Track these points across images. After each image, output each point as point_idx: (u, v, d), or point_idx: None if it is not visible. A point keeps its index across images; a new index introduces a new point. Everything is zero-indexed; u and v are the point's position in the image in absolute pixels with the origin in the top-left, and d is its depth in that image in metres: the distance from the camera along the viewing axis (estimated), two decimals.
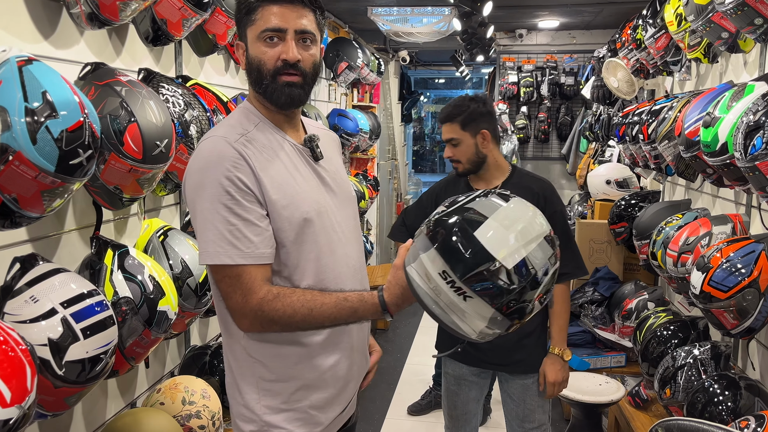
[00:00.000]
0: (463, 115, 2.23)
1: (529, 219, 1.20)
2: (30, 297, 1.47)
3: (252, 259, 1.32)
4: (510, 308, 1.15)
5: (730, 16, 2.08)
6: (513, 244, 1.14)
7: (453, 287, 1.15)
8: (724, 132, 2.06)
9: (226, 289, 1.33)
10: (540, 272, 1.15)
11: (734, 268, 2.10)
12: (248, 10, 1.38)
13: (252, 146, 1.37)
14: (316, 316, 1.31)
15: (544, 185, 2.31)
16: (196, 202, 1.34)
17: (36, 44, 1.77)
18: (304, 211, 1.39)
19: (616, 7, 4.52)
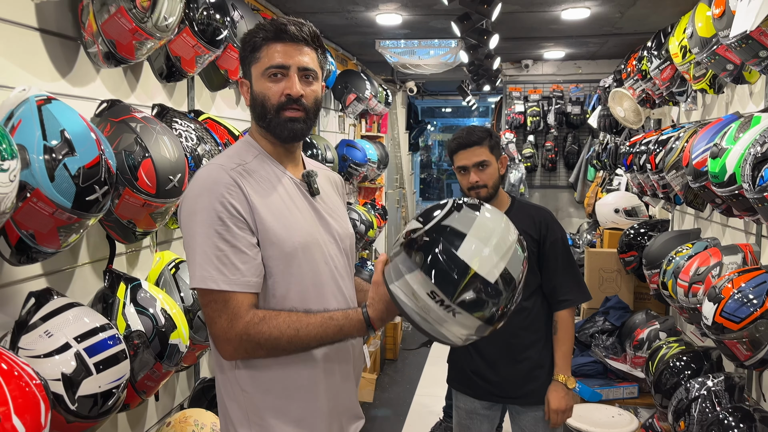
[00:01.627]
0: (490, 138, 2.25)
1: (502, 229, 1.28)
2: (44, 332, 1.48)
3: (238, 286, 1.34)
4: (494, 316, 1.22)
5: (734, 48, 2.11)
6: (494, 257, 1.22)
7: (442, 305, 1.20)
8: (731, 163, 2.08)
9: (212, 314, 1.35)
10: (517, 278, 1.24)
11: (746, 298, 2.09)
12: (253, 48, 1.44)
13: (249, 175, 1.41)
14: (302, 337, 1.33)
15: (544, 213, 2.33)
16: (188, 226, 1.37)
17: (54, 83, 1.81)
18: (296, 241, 1.42)
19: (620, 38, 4.57)
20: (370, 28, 4.17)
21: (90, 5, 1.73)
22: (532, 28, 4.34)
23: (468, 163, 2.22)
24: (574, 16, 3.76)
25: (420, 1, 3.47)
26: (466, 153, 2.22)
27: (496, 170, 2.25)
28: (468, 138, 2.23)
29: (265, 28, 1.43)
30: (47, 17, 1.77)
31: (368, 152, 4.88)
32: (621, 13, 3.72)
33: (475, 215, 1.27)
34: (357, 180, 4.95)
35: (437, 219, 1.27)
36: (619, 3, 3.49)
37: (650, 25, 3.97)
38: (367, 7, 3.60)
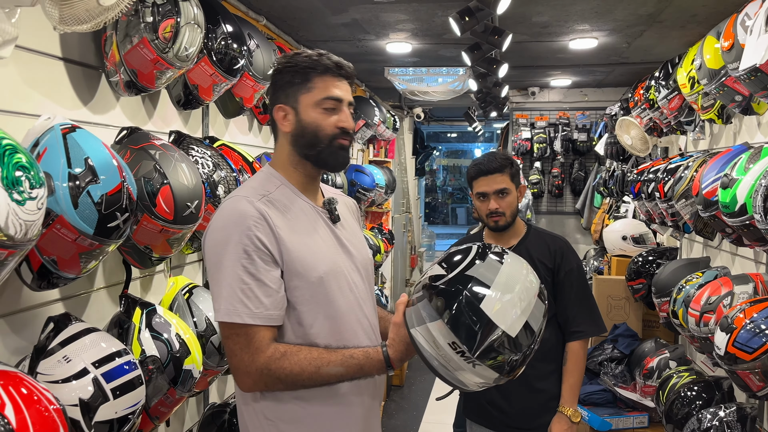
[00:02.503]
0: (511, 166, 2.26)
1: (524, 278, 1.31)
2: (63, 357, 1.49)
3: (261, 319, 1.35)
4: (514, 367, 1.26)
5: (743, 81, 2.14)
6: (516, 310, 1.25)
7: (463, 357, 1.23)
8: (742, 193, 2.09)
9: (233, 346, 1.36)
10: (537, 330, 1.27)
11: (758, 329, 2.08)
12: (304, 78, 1.46)
13: (273, 206, 1.43)
14: (323, 374, 1.35)
15: (560, 242, 2.33)
16: (214, 258, 1.39)
17: (75, 110, 1.85)
18: (321, 270, 1.43)
19: (626, 67, 4.62)
20: (379, 56, 4.23)
21: (113, 36, 1.77)
22: (539, 57, 4.39)
23: (488, 190, 2.22)
24: (582, 46, 3.81)
25: (430, 31, 3.53)
26: (486, 179, 2.22)
27: (515, 198, 2.26)
28: (489, 165, 2.22)
29: (322, 61, 1.45)
30: (71, 47, 1.81)
31: (376, 177, 4.92)
32: (628, 43, 3.77)
33: (498, 266, 1.30)
34: (365, 205, 4.98)
35: (461, 268, 1.29)
36: (627, 34, 3.54)
37: (656, 55, 4.02)
38: (377, 36, 3.66)
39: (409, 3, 2.95)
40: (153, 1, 1.74)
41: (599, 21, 3.27)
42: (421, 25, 3.39)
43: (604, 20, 3.25)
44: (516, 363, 1.25)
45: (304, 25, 3.41)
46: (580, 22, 3.31)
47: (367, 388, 1.51)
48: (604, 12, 3.09)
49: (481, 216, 2.28)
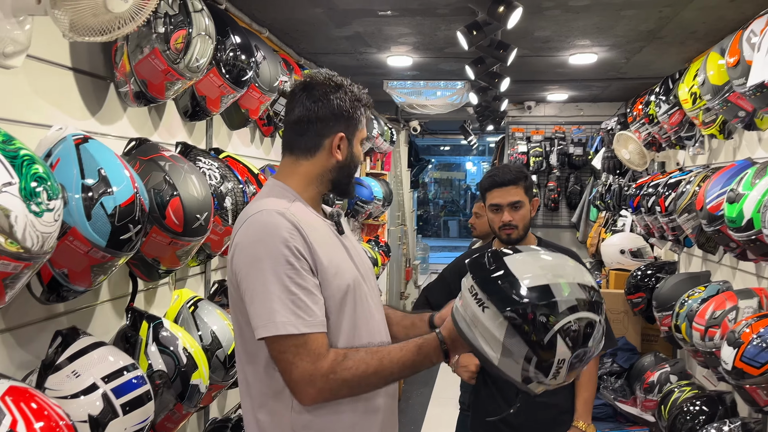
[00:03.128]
0: (527, 180, 2.25)
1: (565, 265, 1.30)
2: (72, 372, 1.47)
3: (315, 327, 1.34)
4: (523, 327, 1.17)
5: (749, 97, 2.16)
6: (536, 270, 1.24)
7: (475, 298, 1.24)
8: (749, 208, 2.10)
9: (291, 359, 1.32)
10: (562, 304, 1.19)
11: (765, 343, 2.09)
12: (362, 114, 1.53)
13: (298, 218, 1.42)
14: (386, 365, 1.34)
15: (572, 256, 2.31)
16: (254, 274, 1.35)
17: (84, 121, 1.83)
18: (348, 278, 1.45)
19: (623, 82, 4.67)
20: (379, 69, 4.24)
21: (124, 46, 1.76)
22: (539, 72, 4.42)
23: (502, 202, 2.20)
24: (582, 61, 3.84)
25: (432, 45, 3.54)
26: (500, 191, 2.21)
27: (529, 212, 2.24)
28: (503, 177, 2.22)
29: (369, 102, 1.55)
30: (80, 57, 1.80)
31: (374, 190, 4.91)
32: (627, 59, 3.81)
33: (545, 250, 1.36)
34: (363, 217, 4.97)
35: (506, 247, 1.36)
36: (626, 49, 3.57)
37: (653, 70, 4.06)
38: (379, 49, 3.67)
39: (413, 17, 2.97)
40: (165, 12, 1.74)
41: (600, 36, 3.30)
42: (424, 38, 3.40)
43: (605, 36, 3.28)
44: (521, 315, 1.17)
45: (306, 38, 3.42)
46: (581, 38, 3.34)
47: (392, 390, 1.53)
48: (606, 28, 3.12)
49: (493, 228, 2.26)
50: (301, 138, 1.49)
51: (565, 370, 1.21)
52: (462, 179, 18.26)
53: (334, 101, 1.47)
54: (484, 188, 2.28)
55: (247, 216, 1.43)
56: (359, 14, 2.94)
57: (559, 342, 1.18)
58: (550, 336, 1.17)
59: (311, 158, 1.50)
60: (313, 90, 1.48)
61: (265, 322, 1.33)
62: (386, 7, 2.82)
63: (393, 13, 2.89)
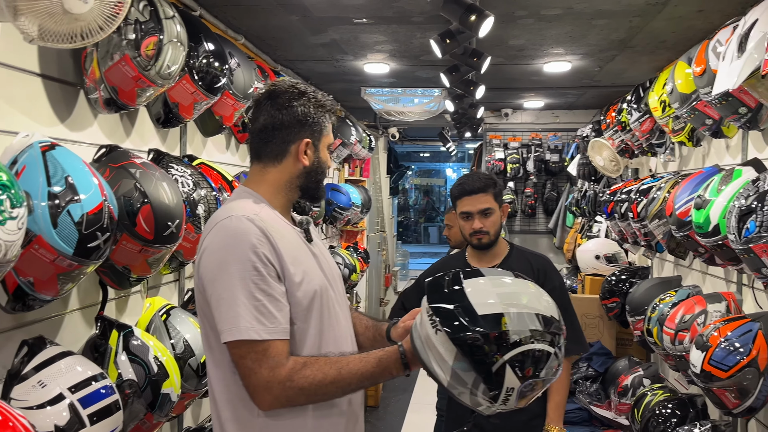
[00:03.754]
0: (496, 187, 2.28)
1: (525, 292, 1.28)
2: (38, 382, 1.45)
3: (277, 334, 1.35)
4: (472, 354, 1.17)
5: (715, 105, 2.21)
6: (494, 298, 1.22)
7: (431, 320, 1.24)
8: (715, 214, 2.15)
9: (251, 364, 1.34)
10: (513, 335, 1.18)
11: (733, 347, 2.13)
12: (327, 120, 1.55)
13: (267, 225, 1.43)
14: (345, 375, 1.35)
15: (542, 261, 2.36)
16: (219, 278, 1.36)
17: (53, 127, 1.81)
18: (315, 285, 1.46)
19: (597, 90, 4.73)
20: (357, 76, 4.25)
21: (94, 53, 1.75)
22: (514, 79, 4.47)
23: (472, 210, 2.24)
24: (556, 69, 3.89)
25: (408, 52, 3.56)
26: (470, 199, 2.24)
27: (499, 218, 2.28)
28: (473, 184, 2.25)
29: (335, 107, 1.58)
30: (49, 63, 1.78)
31: (352, 196, 4.92)
32: (600, 67, 3.86)
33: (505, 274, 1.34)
34: (341, 224, 4.97)
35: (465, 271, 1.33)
36: (599, 58, 3.63)
37: (626, 78, 4.13)
38: (355, 56, 3.69)
39: (389, 24, 2.99)
40: (136, 19, 1.73)
41: (573, 45, 3.35)
42: (399, 46, 3.42)
43: (578, 44, 3.33)
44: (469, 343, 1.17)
45: (282, 45, 3.42)
46: (554, 46, 3.38)
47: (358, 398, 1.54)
48: (578, 37, 3.16)
49: (464, 235, 2.29)
50: (267, 145, 1.50)
51: (515, 397, 1.20)
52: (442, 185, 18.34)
53: (298, 108, 1.49)
54: (455, 196, 2.31)
55: (216, 221, 1.43)
56: (334, 22, 2.95)
57: (508, 372, 1.17)
58: (498, 366, 1.17)
59: (278, 165, 1.51)
60: (278, 98, 1.49)
61: (229, 327, 1.33)
62: (361, 15, 2.83)
63: (368, 20, 2.90)
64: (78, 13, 1.27)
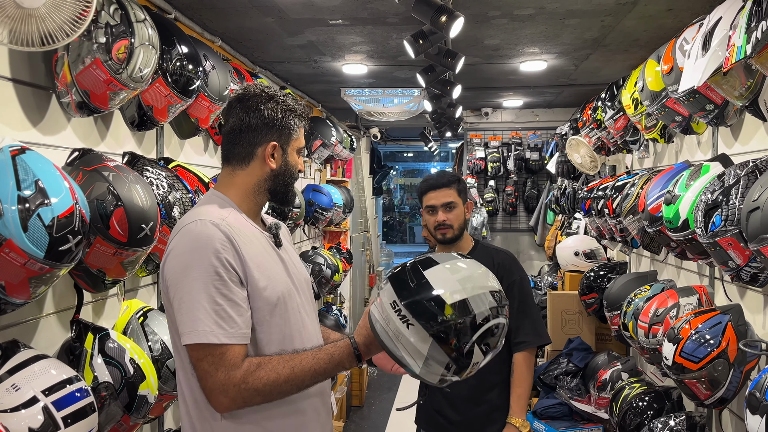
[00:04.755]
0: (458, 182, 2.38)
1: (477, 274, 1.37)
2: (11, 385, 1.45)
3: (236, 338, 1.38)
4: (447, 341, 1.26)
5: (682, 102, 2.25)
6: (456, 285, 1.31)
7: (399, 315, 1.29)
8: (684, 209, 2.19)
9: (207, 367, 1.36)
10: (479, 316, 1.28)
11: (703, 339, 2.17)
12: (297, 124, 1.56)
13: (232, 230, 1.44)
14: (297, 373, 1.38)
15: (504, 256, 2.42)
16: (181, 281, 1.38)
17: (24, 132, 1.81)
18: (279, 291, 1.48)
19: (575, 88, 4.79)
20: (335, 77, 4.27)
21: (65, 56, 1.75)
22: (491, 79, 4.51)
23: (436, 203, 2.33)
24: (532, 68, 3.93)
25: (385, 53, 3.59)
26: (435, 193, 2.34)
27: (463, 213, 2.36)
28: (438, 180, 2.36)
29: (305, 111, 1.58)
30: (20, 67, 1.78)
31: (334, 197, 4.93)
32: (575, 66, 3.91)
33: (456, 258, 1.40)
34: (323, 224, 4.98)
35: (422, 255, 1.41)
36: (574, 57, 3.67)
37: (602, 77, 4.19)
38: (333, 57, 3.70)
39: (364, 26, 3.01)
40: (106, 22, 1.73)
41: (548, 44, 3.39)
42: (376, 47, 3.44)
43: (552, 44, 3.37)
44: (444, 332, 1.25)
45: (259, 47, 3.42)
46: (529, 45, 3.42)
47: (324, 393, 1.57)
48: (552, 36, 3.20)
49: (429, 230, 2.36)
50: (235, 147, 1.53)
51: (476, 370, 1.32)
52: None
53: (265, 111, 1.51)
54: (421, 192, 2.39)
55: (182, 225, 1.45)
56: (310, 23, 2.97)
57: (476, 350, 1.29)
58: (468, 347, 1.27)
59: (246, 168, 1.53)
60: (247, 101, 1.52)
61: (189, 330, 1.36)
62: (336, 17, 2.85)
63: (344, 22, 2.92)
64: (30, 7, 1.26)
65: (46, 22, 1.31)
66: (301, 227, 4.88)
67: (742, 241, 1.81)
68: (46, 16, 1.33)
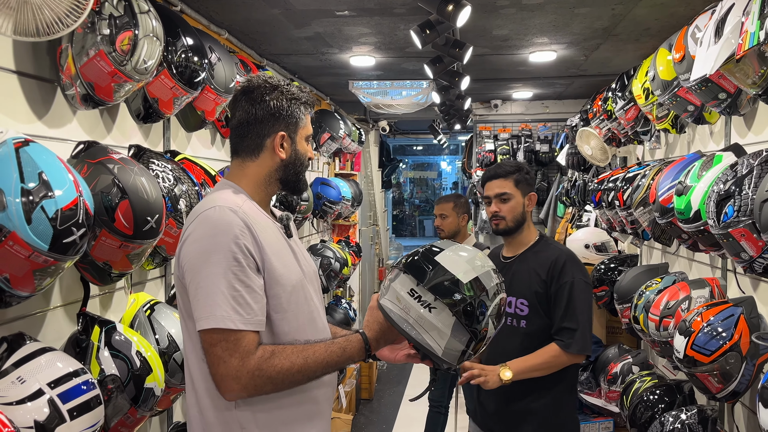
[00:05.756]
0: (518, 173, 2.31)
1: (478, 255, 1.48)
2: (17, 378, 1.45)
3: (252, 325, 1.38)
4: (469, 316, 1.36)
5: (694, 91, 2.21)
6: (466, 266, 1.41)
7: (420, 301, 1.37)
8: (696, 200, 2.16)
9: (221, 353, 1.35)
10: (490, 291, 1.40)
11: (715, 332, 2.14)
12: (303, 112, 1.56)
13: (248, 217, 1.44)
14: (310, 364, 1.40)
15: (562, 255, 2.27)
16: (201, 267, 1.38)
17: (30, 124, 1.81)
18: (294, 280, 1.49)
19: (585, 79, 4.74)
20: (343, 69, 4.25)
21: (69, 48, 1.74)
22: (500, 70, 4.47)
23: (491, 194, 2.31)
24: (542, 59, 3.89)
25: (393, 45, 3.56)
26: (490, 184, 2.32)
27: (520, 205, 2.29)
28: (495, 170, 2.33)
29: (311, 99, 1.58)
30: (25, 60, 1.78)
31: (342, 190, 4.92)
32: (585, 56, 3.87)
33: (455, 244, 1.50)
34: (331, 218, 4.97)
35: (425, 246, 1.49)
36: (584, 47, 3.63)
37: (613, 67, 4.13)
38: (340, 49, 3.68)
39: (371, 17, 2.98)
40: (110, 13, 1.72)
41: (557, 34, 3.35)
42: (384, 38, 3.41)
43: (561, 33, 3.33)
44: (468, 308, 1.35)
45: (266, 39, 3.41)
46: (539, 36, 3.38)
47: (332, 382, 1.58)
48: (562, 26, 3.16)
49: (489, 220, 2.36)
50: (244, 140, 1.52)
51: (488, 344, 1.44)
52: (435, 178, 18.35)
53: (271, 102, 1.50)
54: (482, 183, 2.37)
55: (200, 211, 1.45)
56: (317, 15, 2.95)
57: (489, 324, 1.40)
58: (484, 320, 1.38)
59: (256, 159, 1.53)
60: (252, 93, 1.51)
61: (206, 315, 1.35)
62: (343, 7, 2.82)
63: (350, 13, 2.90)
64: None
65: (43, 10, 1.30)
66: (310, 220, 4.88)
67: (755, 232, 1.78)
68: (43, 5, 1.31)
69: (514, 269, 2.31)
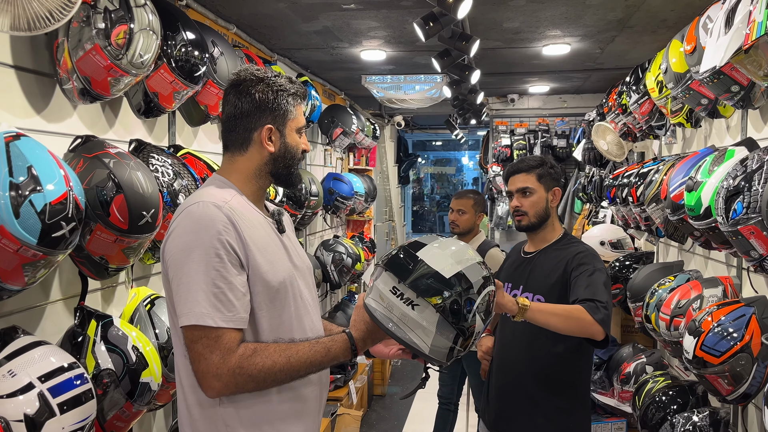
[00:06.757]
0: (541, 168, 2.24)
1: (463, 248, 1.43)
2: (8, 371, 1.45)
3: (233, 322, 1.36)
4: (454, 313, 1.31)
5: (707, 84, 2.14)
6: (449, 260, 1.36)
7: (402, 299, 1.33)
8: (706, 196, 2.09)
9: (202, 350, 1.34)
10: (475, 285, 1.35)
11: (726, 332, 2.07)
12: (293, 104, 1.52)
13: (235, 213, 1.42)
14: (293, 363, 1.38)
15: (582, 250, 2.18)
16: (182, 262, 1.36)
17: (28, 119, 1.81)
18: (281, 276, 1.46)
19: (602, 73, 4.65)
20: (355, 63, 4.22)
21: (65, 42, 1.74)
22: (514, 64, 4.40)
23: (512, 188, 2.26)
24: (555, 52, 3.82)
25: (403, 38, 3.52)
26: (513, 178, 2.27)
27: (543, 200, 2.22)
28: (517, 165, 2.28)
29: (300, 90, 1.54)
30: (22, 54, 1.78)
31: (355, 185, 4.90)
32: (601, 49, 3.79)
33: (440, 238, 1.45)
34: (344, 213, 4.96)
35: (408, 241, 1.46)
36: (599, 39, 3.55)
37: (630, 60, 4.04)
38: (350, 43, 3.65)
39: (378, 10, 2.95)
40: (105, 7, 1.72)
41: (570, 27, 3.28)
42: (393, 32, 3.38)
43: (574, 26, 3.26)
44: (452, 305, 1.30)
45: (275, 33, 3.40)
46: (551, 28, 3.32)
47: (324, 381, 1.56)
48: (574, 18, 3.09)
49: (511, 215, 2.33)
50: (232, 134, 1.50)
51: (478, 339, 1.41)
52: (453, 174, 18.24)
53: (256, 94, 1.48)
54: (504, 178, 2.34)
55: (184, 207, 1.43)
56: (323, 8, 2.92)
57: (477, 319, 1.35)
58: (471, 316, 1.33)
59: (245, 153, 1.50)
60: (238, 86, 1.49)
61: (186, 311, 1.34)
62: (349, 1, 2.79)
63: (356, 6, 2.87)
64: None
65: (33, 4, 1.30)
66: (321, 216, 4.87)
67: (765, 229, 1.71)
68: None
69: (533, 264, 2.26)
